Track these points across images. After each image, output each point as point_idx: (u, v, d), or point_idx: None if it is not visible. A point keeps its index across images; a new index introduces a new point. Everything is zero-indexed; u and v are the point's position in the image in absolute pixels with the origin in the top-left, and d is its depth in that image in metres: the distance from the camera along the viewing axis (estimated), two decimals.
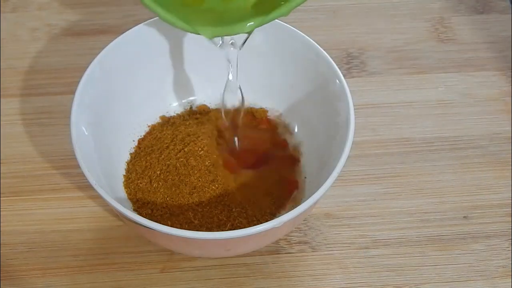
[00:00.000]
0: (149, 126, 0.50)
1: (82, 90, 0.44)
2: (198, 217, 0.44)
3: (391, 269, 0.46)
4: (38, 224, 0.48)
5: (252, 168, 0.48)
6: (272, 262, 0.46)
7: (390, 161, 0.51)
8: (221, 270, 0.46)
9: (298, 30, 0.47)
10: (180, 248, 0.43)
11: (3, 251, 0.46)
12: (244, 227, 0.42)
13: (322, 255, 0.47)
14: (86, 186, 0.43)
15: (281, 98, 0.51)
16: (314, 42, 0.47)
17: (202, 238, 0.38)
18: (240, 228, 0.43)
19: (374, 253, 0.47)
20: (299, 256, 0.47)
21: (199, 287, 0.45)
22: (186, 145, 0.46)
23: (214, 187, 0.45)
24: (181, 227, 0.43)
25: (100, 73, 0.45)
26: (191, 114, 0.51)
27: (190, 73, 0.51)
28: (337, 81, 0.45)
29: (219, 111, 0.49)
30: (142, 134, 0.50)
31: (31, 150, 0.51)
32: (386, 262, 0.46)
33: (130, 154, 0.48)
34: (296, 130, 0.50)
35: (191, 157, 0.46)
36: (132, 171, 0.47)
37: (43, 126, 0.53)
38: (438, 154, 0.52)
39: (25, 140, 0.52)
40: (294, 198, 0.47)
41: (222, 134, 0.49)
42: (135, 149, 0.49)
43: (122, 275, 0.45)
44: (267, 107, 0.51)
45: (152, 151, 0.47)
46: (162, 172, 0.46)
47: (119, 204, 0.39)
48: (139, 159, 0.47)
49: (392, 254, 0.47)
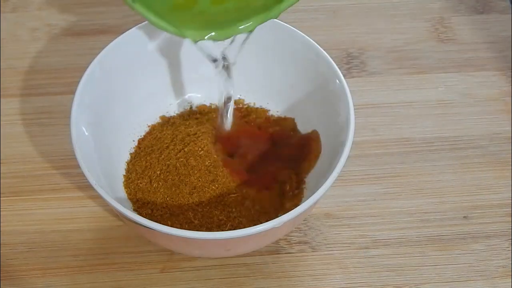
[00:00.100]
0: (149, 126, 0.50)
1: (82, 90, 0.44)
2: (198, 217, 0.44)
3: (391, 269, 0.46)
4: (38, 224, 0.48)
5: (252, 168, 0.48)
6: (272, 262, 0.46)
7: (390, 161, 0.51)
8: (221, 270, 0.46)
9: (298, 30, 0.47)
10: (180, 248, 0.43)
11: (3, 251, 0.46)
12: (244, 227, 0.42)
13: (322, 255, 0.47)
14: (86, 186, 0.43)
15: (281, 98, 0.51)
16: (314, 42, 0.47)
17: (202, 238, 0.38)
18: (240, 228, 0.43)
19: (374, 253, 0.47)
20: (299, 256, 0.47)
21: (199, 287, 0.45)
22: (186, 145, 0.46)
23: (214, 187, 0.45)
24: (181, 227, 0.43)
25: (100, 73, 0.45)
26: (191, 114, 0.51)
27: (190, 73, 0.51)
28: (337, 81, 0.45)
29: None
30: (142, 134, 0.50)
31: (31, 150, 0.51)
32: (386, 262, 0.46)
33: (130, 154, 0.48)
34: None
35: (191, 157, 0.46)
36: (132, 171, 0.47)
37: (43, 126, 0.52)
38: (438, 154, 0.52)
39: (25, 140, 0.52)
40: (294, 197, 0.47)
41: (221, 134, 0.49)
42: (135, 149, 0.49)
43: (122, 275, 0.45)
44: (267, 107, 0.51)
45: (152, 151, 0.47)
46: (162, 172, 0.46)
47: (119, 204, 0.39)
48: (139, 159, 0.47)
49: (392, 254, 0.47)
